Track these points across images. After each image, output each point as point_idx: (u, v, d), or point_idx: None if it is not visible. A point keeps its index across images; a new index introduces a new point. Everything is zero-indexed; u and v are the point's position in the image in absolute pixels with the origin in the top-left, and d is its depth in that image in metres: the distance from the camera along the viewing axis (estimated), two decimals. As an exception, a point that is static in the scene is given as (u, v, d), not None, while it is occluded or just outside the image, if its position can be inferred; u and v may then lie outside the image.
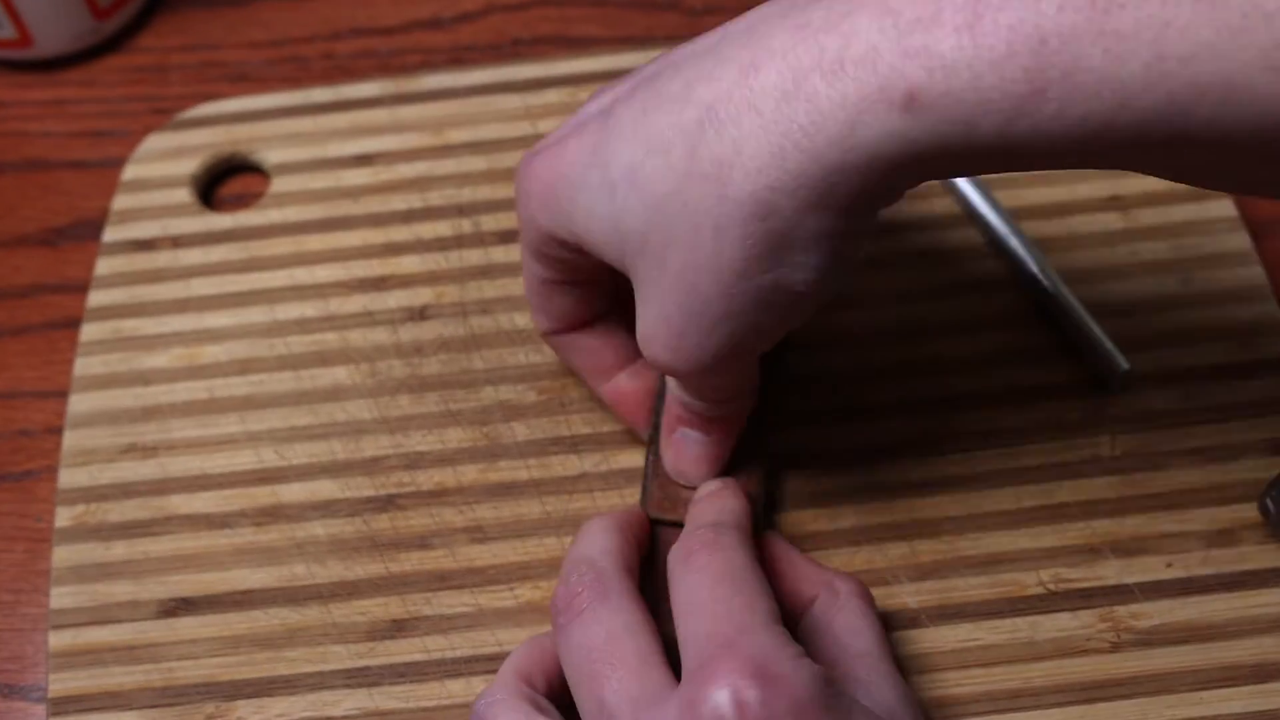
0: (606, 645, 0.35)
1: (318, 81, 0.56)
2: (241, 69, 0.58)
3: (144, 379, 0.48)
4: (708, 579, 0.35)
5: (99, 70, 0.58)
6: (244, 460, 0.46)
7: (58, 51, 0.57)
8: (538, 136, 0.52)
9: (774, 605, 0.35)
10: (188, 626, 0.43)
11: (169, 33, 0.59)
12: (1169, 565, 0.42)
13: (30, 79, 0.58)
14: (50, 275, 0.52)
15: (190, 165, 0.53)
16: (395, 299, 0.49)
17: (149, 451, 0.46)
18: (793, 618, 0.39)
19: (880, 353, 0.47)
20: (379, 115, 0.54)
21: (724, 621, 0.34)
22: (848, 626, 0.38)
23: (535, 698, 0.36)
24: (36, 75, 0.58)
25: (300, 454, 0.46)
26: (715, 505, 0.40)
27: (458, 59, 0.57)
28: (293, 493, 0.45)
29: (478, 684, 0.41)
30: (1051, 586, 0.42)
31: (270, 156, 0.53)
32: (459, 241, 0.50)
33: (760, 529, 0.41)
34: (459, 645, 0.42)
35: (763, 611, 0.34)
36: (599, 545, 0.38)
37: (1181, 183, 0.32)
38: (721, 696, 0.32)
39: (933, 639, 0.41)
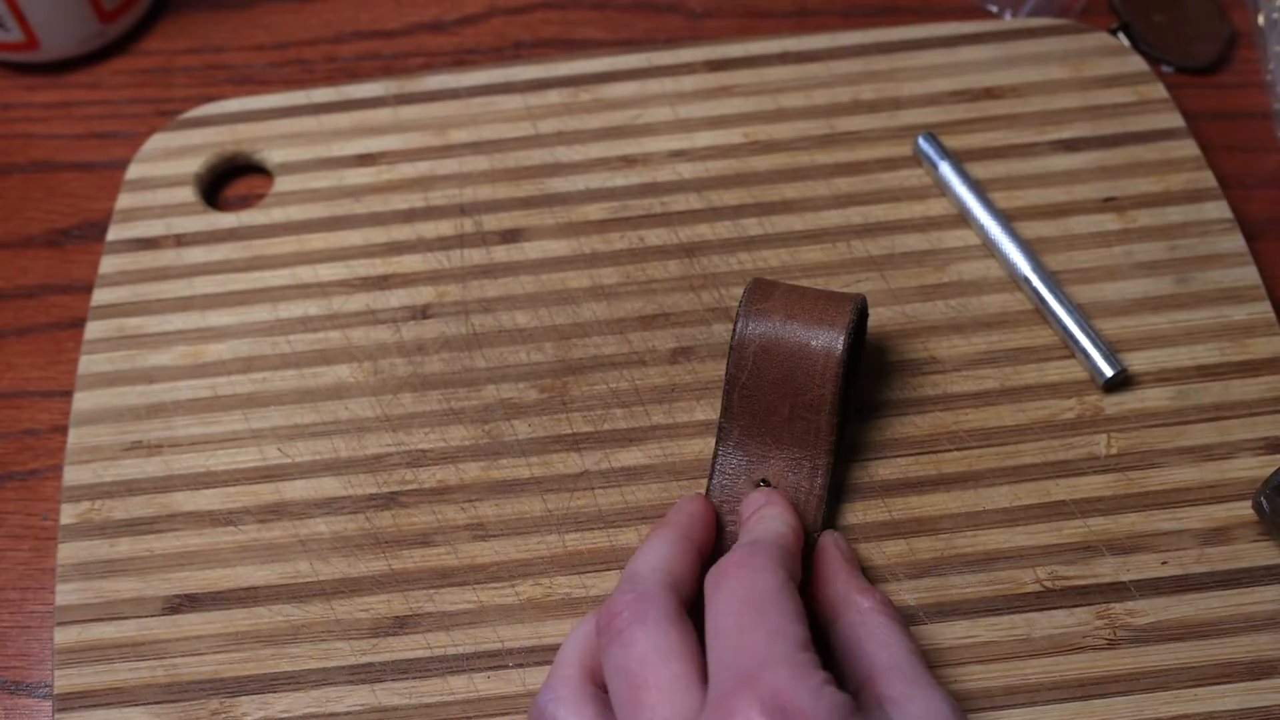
0: (640, 669, 0.35)
1: (321, 84, 0.56)
2: (245, 72, 0.58)
3: (148, 377, 0.48)
4: (734, 604, 0.35)
5: (104, 73, 0.58)
6: (247, 458, 0.46)
7: (63, 54, 0.57)
8: (539, 137, 0.53)
9: (802, 630, 0.35)
10: (192, 623, 0.43)
11: (174, 36, 0.59)
12: (1165, 563, 0.43)
13: (36, 81, 0.58)
14: (56, 276, 0.52)
15: (194, 164, 0.53)
16: (397, 298, 0.49)
17: (153, 449, 0.46)
18: (825, 627, 0.39)
19: (877, 353, 0.47)
20: (381, 115, 0.54)
21: (746, 653, 0.34)
22: (876, 640, 0.37)
23: (600, 696, 0.36)
24: (42, 78, 0.58)
25: (303, 451, 0.46)
26: (758, 523, 0.40)
27: (460, 62, 0.57)
28: (296, 490, 0.45)
29: (480, 680, 0.42)
30: (1048, 584, 0.43)
31: (273, 156, 0.53)
32: (461, 241, 0.51)
33: (818, 529, 0.42)
34: (461, 642, 0.42)
35: (788, 639, 0.34)
36: (650, 560, 0.38)
37: None
38: None
39: (930, 636, 0.42)
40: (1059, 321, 0.47)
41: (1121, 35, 0.56)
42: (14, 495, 0.47)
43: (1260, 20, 0.56)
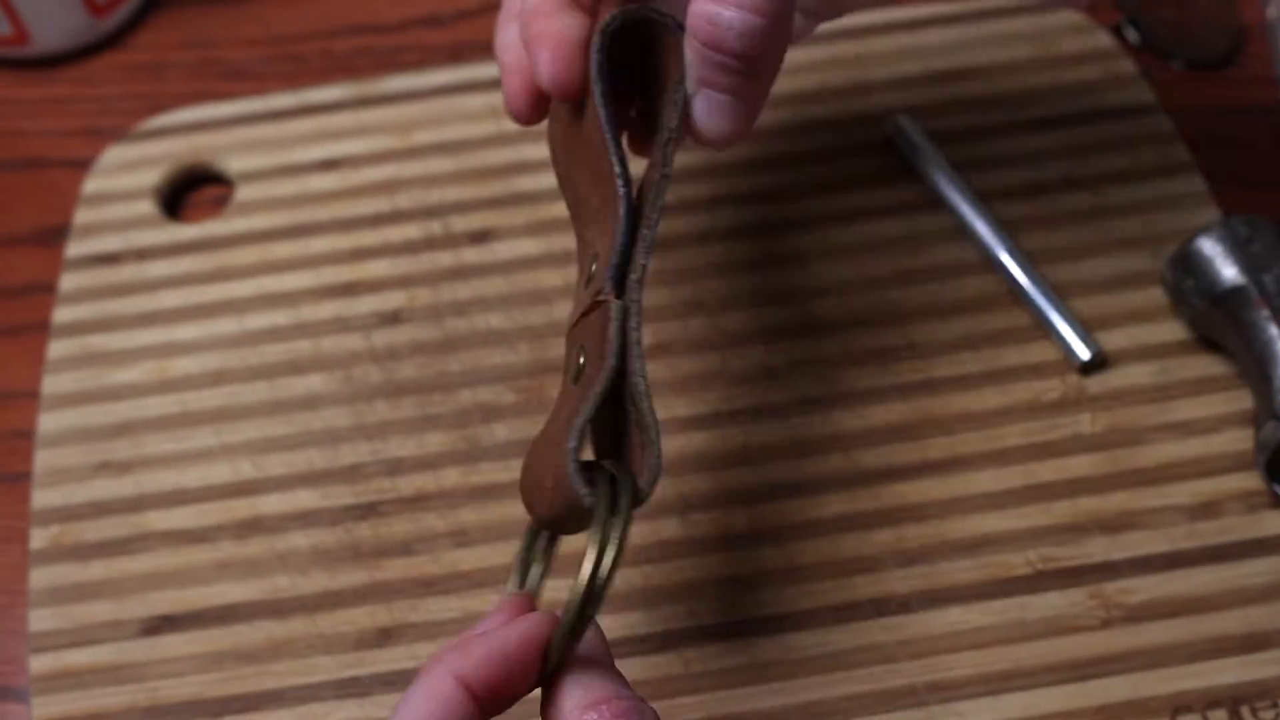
0: None
1: (317, 79, 0.55)
2: (239, 67, 0.57)
3: (114, 395, 0.47)
4: None
5: (96, 68, 0.57)
6: (220, 473, 0.45)
7: (55, 49, 0.57)
8: (503, 135, 0.52)
9: None
10: (171, 644, 0.42)
11: (167, 30, 0.58)
12: (1155, 540, 0.43)
13: (27, 76, 0.57)
14: (46, 275, 0.51)
15: (152, 177, 0.52)
16: (367, 304, 0.48)
17: (123, 468, 0.45)
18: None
19: (857, 340, 0.47)
20: (342, 119, 0.53)
21: None
22: None
23: None
24: (34, 73, 0.57)
25: (278, 464, 0.45)
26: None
27: (457, 56, 0.56)
28: (272, 504, 0.44)
29: (468, 689, 0.41)
30: (1039, 566, 0.42)
31: (233, 165, 0.52)
32: (429, 244, 0.50)
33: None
34: (448, 651, 0.42)
35: None
36: None
37: None
38: None
39: (923, 624, 0.41)
40: (1034, 305, 0.47)
41: (1130, 30, 0.55)
42: (3, 498, 0.46)
43: (1271, 14, 0.55)
